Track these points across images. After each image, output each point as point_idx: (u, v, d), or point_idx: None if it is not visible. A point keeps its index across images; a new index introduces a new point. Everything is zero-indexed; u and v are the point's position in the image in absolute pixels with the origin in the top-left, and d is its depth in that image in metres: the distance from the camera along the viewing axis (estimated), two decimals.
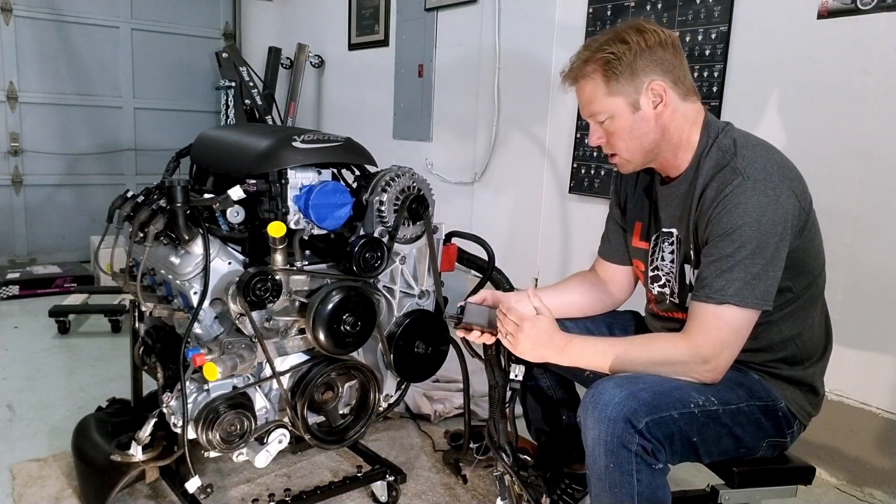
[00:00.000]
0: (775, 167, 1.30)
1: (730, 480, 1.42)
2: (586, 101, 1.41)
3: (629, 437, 1.22)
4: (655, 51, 1.34)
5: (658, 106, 1.36)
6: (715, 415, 1.31)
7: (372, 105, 4.30)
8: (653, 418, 1.23)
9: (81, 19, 4.53)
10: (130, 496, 1.90)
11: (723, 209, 1.28)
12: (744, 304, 1.27)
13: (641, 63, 1.34)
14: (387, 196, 1.68)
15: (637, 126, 1.38)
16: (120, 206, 1.67)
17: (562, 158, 3.10)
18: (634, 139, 1.39)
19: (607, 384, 1.28)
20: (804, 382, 1.44)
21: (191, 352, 1.51)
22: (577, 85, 1.42)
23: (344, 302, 1.59)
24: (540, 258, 3.28)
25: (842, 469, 2.17)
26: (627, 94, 1.36)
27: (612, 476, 1.24)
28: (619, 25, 1.41)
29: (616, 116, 1.38)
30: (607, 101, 1.37)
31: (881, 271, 2.08)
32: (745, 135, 1.39)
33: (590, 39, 1.43)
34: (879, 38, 2.03)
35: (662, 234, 1.48)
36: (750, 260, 1.26)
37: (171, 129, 4.93)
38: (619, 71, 1.34)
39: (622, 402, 1.23)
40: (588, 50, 1.39)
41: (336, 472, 2.09)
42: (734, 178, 1.29)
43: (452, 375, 2.57)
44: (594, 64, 1.37)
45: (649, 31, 1.35)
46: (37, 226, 4.58)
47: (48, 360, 2.96)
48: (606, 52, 1.35)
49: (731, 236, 1.27)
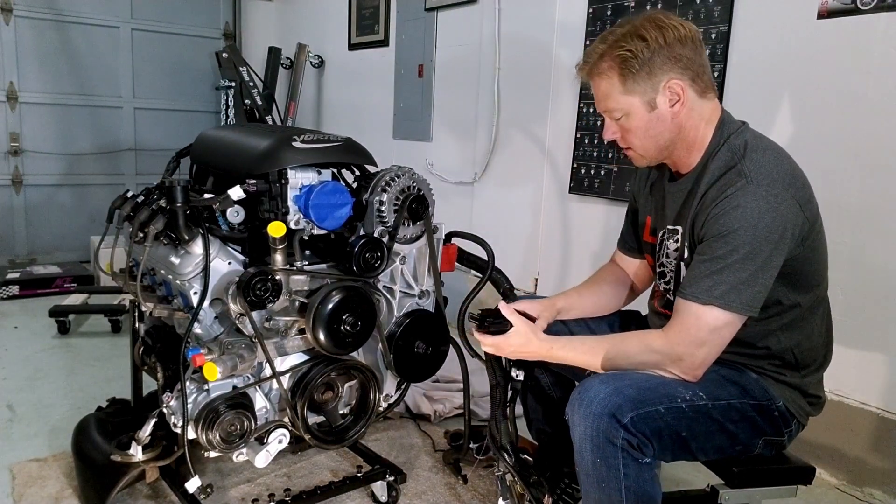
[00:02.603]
0: (782, 174, 1.28)
1: (730, 480, 1.42)
2: (602, 96, 1.38)
3: (614, 432, 1.23)
4: (674, 47, 1.30)
5: (675, 105, 1.33)
6: (704, 409, 1.31)
7: (372, 105, 4.30)
8: (638, 413, 1.24)
9: (81, 19, 4.53)
10: (130, 496, 1.90)
11: (721, 210, 1.27)
12: (728, 307, 1.26)
13: (659, 61, 1.30)
14: (387, 196, 1.68)
15: (653, 125, 1.36)
16: (120, 206, 1.67)
17: (562, 158, 3.10)
18: (649, 137, 1.38)
19: (593, 381, 1.29)
20: (800, 389, 1.44)
21: (191, 352, 1.51)
22: (591, 80, 1.39)
23: (344, 302, 1.59)
24: (540, 258, 3.28)
25: (842, 469, 2.17)
26: (644, 92, 1.33)
27: (599, 471, 1.26)
28: (638, 18, 1.35)
29: (632, 114, 1.35)
30: (623, 99, 1.34)
31: (881, 271, 2.08)
32: (758, 137, 1.37)
33: (607, 31, 1.38)
34: (879, 38, 2.03)
35: (668, 230, 1.47)
36: (741, 264, 1.25)
37: (171, 129, 4.93)
38: (635, 69, 1.31)
39: (607, 398, 1.24)
40: (604, 43, 1.35)
41: (336, 472, 2.09)
42: (738, 181, 1.27)
43: (452, 375, 2.57)
44: (610, 60, 1.33)
45: (668, 27, 1.30)
46: (37, 226, 4.58)
47: (48, 360, 2.96)
48: (623, 50, 1.31)
49: (725, 238, 1.26)
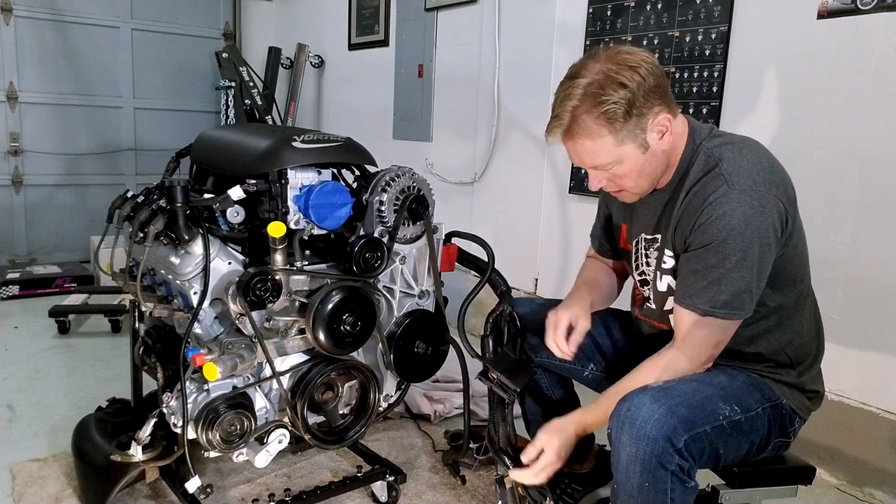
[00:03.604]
0: (762, 173, 1.27)
1: (730, 481, 1.42)
2: (587, 153, 1.31)
3: (668, 458, 1.19)
4: (649, 82, 1.25)
5: (664, 136, 1.31)
6: (738, 424, 1.32)
7: (372, 105, 4.30)
8: (690, 435, 1.22)
9: (81, 19, 4.53)
10: (130, 496, 1.90)
11: (706, 219, 1.26)
12: (731, 316, 1.28)
13: (644, 102, 1.25)
14: (387, 196, 1.68)
15: (647, 163, 1.32)
16: (120, 206, 1.67)
17: (562, 158, 3.10)
18: (644, 176, 1.34)
19: (643, 398, 1.23)
20: (799, 387, 1.44)
21: (191, 352, 1.51)
22: (571, 141, 1.30)
23: (344, 302, 1.59)
24: (540, 258, 3.28)
25: (842, 469, 2.17)
26: (636, 137, 1.28)
27: (645, 495, 1.21)
28: (597, 60, 1.27)
29: (625, 161, 1.30)
30: (615, 151, 1.29)
31: (881, 271, 2.08)
32: (729, 136, 1.36)
33: (567, 82, 1.29)
34: (879, 38, 2.03)
35: (646, 239, 1.46)
36: (737, 271, 1.25)
37: (171, 129, 4.92)
38: (625, 119, 1.25)
39: (661, 420, 1.19)
40: (573, 99, 1.26)
41: (336, 472, 2.09)
42: (719, 186, 1.26)
43: (452, 375, 2.57)
44: (594, 117, 1.25)
45: (638, 64, 1.25)
46: (37, 226, 4.58)
47: (48, 360, 2.96)
48: (609, 104, 1.24)
49: (716, 248, 1.25)
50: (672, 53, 2.58)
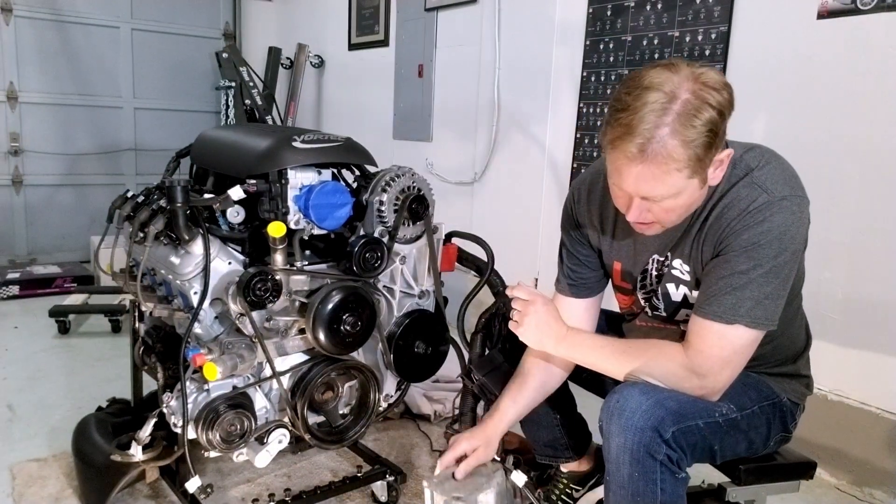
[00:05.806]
0: (791, 179, 1.23)
1: (735, 478, 1.44)
2: (649, 181, 1.13)
3: (656, 447, 1.19)
4: (731, 107, 1.11)
5: (717, 170, 1.18)
6: (735, 422, 1.31)
7: (372, 105, 4.30)
8: (679, 427, 1.21)
9: (81, 19, 4.53)
10: (130, 496, 1.90)
11: (743, 225, 1.20)
12: (754, 325, 1.20)
13: (724, 133, 1.12)
14: (387, 196, 1.68)
15: (698, 199, 1.21)
16: (120, 206, 1.68)
17: (562, 158, 3.10)
18: (688, 211, 1.23)
19: (632, 390, 1.22)
20: (794, 374, 1.46)
21: (191, 352, 1.51)
22: (643, 163, 1.11)
23: (344, 302, 1.59)
24: (540, 258, 3.28)
25: (842, 469, 2.17)
26: (704, 170, 1.14)
27: (635, 485, 1.21)
28: (681, 72, 1.10)
29: (682, 194, 1.16)
30: (681, 183, 1.13)
31: (881, 271, 2.08)
32: (740, 143, 1.29)
33: (658, 94, 1.09)
34: (879, 38, 2.03)
35: (656, 260, 1.40)
36: (765, 278, 1.19)
37: (171, 129, 4.92)
38: (707, 149, 1.10)
39: (649, 411, 1.19)
40: (669, 116, 1.08)
41: (336, 472, 2.09)
42: (758, 195, 1.19)
43: (452, 375, 2.57)
44: (683, 144, 1.08)
45: (721, 87, 1.11)
46: (37, 226, 4.58)
47: (48, 360, 2.96)
48: (706, 135, 1.08)
49: (748, 253, 1.19)
50: (672, 53, 2.58)
